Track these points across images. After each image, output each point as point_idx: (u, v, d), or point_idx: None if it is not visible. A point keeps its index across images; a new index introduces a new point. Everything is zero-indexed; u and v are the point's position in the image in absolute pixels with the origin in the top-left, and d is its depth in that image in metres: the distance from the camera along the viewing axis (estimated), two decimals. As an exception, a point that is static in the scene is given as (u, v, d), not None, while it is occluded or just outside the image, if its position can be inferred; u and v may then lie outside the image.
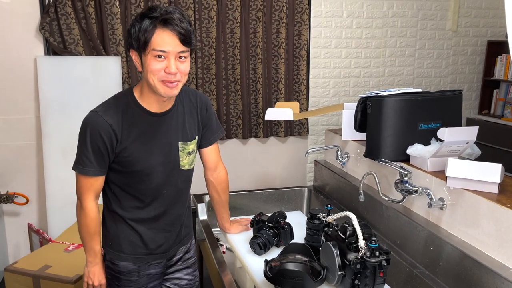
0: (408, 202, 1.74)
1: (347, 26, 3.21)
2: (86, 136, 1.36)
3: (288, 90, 3.16)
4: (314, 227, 1.64)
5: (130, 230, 1.48)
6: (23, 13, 2.65)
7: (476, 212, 1.42)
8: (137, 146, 1.39)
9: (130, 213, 1.47)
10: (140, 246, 1.49)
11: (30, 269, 2.07)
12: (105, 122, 1.34)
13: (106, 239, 1.51)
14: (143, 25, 1.28)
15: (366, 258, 1.25)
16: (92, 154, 1.36)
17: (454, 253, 1.46)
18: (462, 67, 3.57)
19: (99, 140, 1.35)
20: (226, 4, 2.90)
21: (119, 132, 1.36)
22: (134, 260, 1.49)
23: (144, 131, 1.41)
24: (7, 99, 2.71)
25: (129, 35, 1.34)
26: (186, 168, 1.53)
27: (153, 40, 1.28)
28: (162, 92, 1.34)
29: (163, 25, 1.28)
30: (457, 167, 1.45)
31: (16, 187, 2.76)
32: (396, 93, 1.78)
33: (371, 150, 1.85)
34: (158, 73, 1.31)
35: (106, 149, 1.36)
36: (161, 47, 1.28)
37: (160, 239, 1.52)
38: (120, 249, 1.48)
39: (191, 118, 1.52)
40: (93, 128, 1.35)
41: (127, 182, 1.44)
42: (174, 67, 1.30)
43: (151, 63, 1.30)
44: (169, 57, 1.30)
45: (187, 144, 1.50)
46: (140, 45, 1.30)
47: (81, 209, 1.44)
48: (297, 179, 3.33)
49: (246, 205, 2.35)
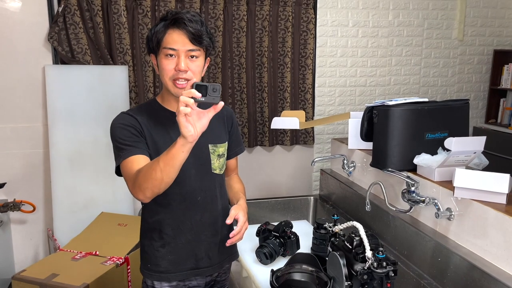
0: (415, 212, 1.73)
1: (352, 35, 3.22)
2: (116, 131, 1.35)
3: (294, 99, 3.16)
4: (321, 237, 1.63)
5: (167, 247, 1.43)
6: (32, 23, 2.68)
7: (484, 223, 1.41)
8: (163, 145, 1.36)
9: (166, 227, 1.42)
10: (179, 263, 1.44)
11: (38, 278, 2.07)
12: (130, 116, 1.37)
13: (144, 262, 1.47)
14: (157, 28, 1.35)
15: (373, 268, 1.24)
16: (125, 139, 1.33)
17: (462, 264, 1.45)
18: (468, 76, 3.56)
19: (129, 127, 1.34)
20: (232, 14, 2.93)
21: (145, 127, 1.37)
22: (174, 279, 1.44)
23: (170, 130, 1.39)
24: (15, 107, 2.73)
25: (147, 39, 1.41)
26: (218, 173, 1.48)
27: (164, 39, 1.34)
28: (173, 92, 1.37)
29: (173, 25, 1.33)
30: (464, 177, 1.44)
31: (23, 195, 2.77)
32: (403, 103, 1.78)
33: (377, 160, 1.85)
34: (169, 72, 1.34)
35: (138, 132, 1.35)
36: (170, 45, 1.33)
37: (200, 252, 1.45)
38: (160, 269, 1.43)
39: (219, 123, 1.50)
40: (121, 121, 1.36)
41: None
42: (183, 64, 1.33)
43: (162, 62, 1.35)
44: (179, 55, 1.33)
45: (217, 146, 1.47)
46: (154, 46, 1.36)
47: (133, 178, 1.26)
48: (303, 188, 3.32)
49: (252, 214, 2.34)
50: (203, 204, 1.45)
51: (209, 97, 1.15)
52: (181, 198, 1.41)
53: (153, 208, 1.43)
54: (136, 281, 2.30)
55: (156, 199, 1.33)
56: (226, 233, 1.48)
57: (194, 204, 1.43)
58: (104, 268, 2.15)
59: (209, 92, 1.15)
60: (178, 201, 1.41)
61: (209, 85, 1.15)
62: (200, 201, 1.44)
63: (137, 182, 1.24)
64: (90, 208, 2.71)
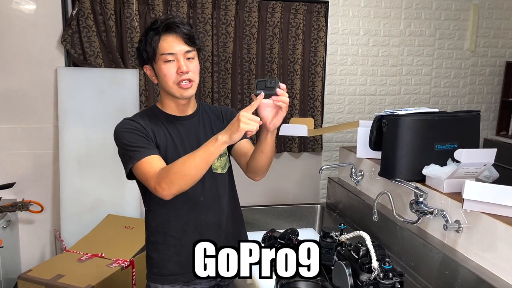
0: (423, 223, 1.71)
1: (363, 44, 3.22)
2: (123, 135, 1.36)
3: (303, 106, 3.16)
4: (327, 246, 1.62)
5: (173, 248, 1.44)
6: (46, 25, 2.72)
7: (493, 236, 1.39)
8: (165, 147, 1.40)
9: (170, 229, 1.43)
10: (185, 263, 1.43)
11: (43, 278, 2.09)
12: (134, 121, 1.40)
13: (150, 266, 1.48)
14: (149, 38, 1.37)
15: (379, 279, 1.23)
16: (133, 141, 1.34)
17: (470, 278, 1.43)
18: (480, 87, 3.54)
19: (136, 131, 1.37)
20: (243, 20, 2.94)
21: (149, 130, 1.39)
22: (181, 280, 1.45)
23: (171, 133, 1.43)
24: (27, 108, 2.77)
25: (138, 52, 1.42)
26: (220, 172, 1.49)
27: (160, 46, 1.36)
28: (178, 94, 1.39)
29: (166, 30, 1.36)
30: (474, 189, 1.42)
31: (31, 195, 2.80)
32: (413, 113, 1.77)
33: (386, 169, 1.84)
34: (172, 77, 1.37)
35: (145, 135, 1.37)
36: (168, 50, 1.36)
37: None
38: (166, 272, 1.44)
39: (217, 122, 1.53)
40: (126, 127, 1.38)
41: None
42: (184, 66, 1.36)
43: (163, 68, 1.37)
44: (178, 58, 1.36)
45: None
46: (150, 55, 1.38)
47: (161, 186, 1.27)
48: (310, 195, 3.31)
49: (258, 220, 2.34)
50: (206, 204, 1.46)
51: (267, 89, 1.29)
52: (184, 199, 1.41)
53: (157, 211, 1.45)
54: (141, 284, 2.31)
55: (159, 202, 1.37)
56: (231, 231, 1.52)
57: (197, 204, 1.44)
58: (109, 270, 2.16)
59: (267, 85, 1.29)
60: (181, 202, 1.42)
61: (268, 79, 1.30)
62: (203, 201, 1.45)
63: (166, 179, 1.26)
64: (97, 210, 2.73)
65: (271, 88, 1.30)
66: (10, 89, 2.73)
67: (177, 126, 1.45)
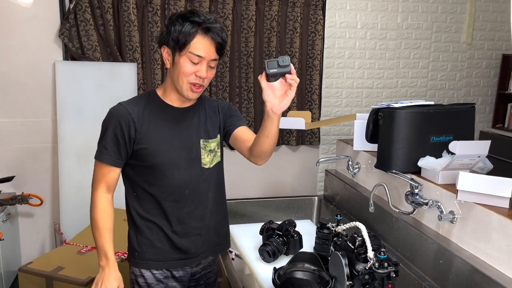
0: (418, 214, 1.74)
1: (361, 37, 3.23)
2: (106, 125, 1.40)
3: (301, 99, 3.17)
4: (324, 237, 1.65)
5: (155, 235, 1.46)
6: (44, 19, 2.72)
7: (487, 227, 1.42)
8: (156, 137, 1.41)
9: (154, 216, 1.45)
10: (167, 251, 1.47)
11: (44, 270, 2.10)
12: (125, 110, 1.39)
13: (132, 251, 1.49)
14: (185, 28, 1.34)
15: (374, 269, 1.25)
16: (109, 141, 1.38)
17: (464, 267, 1.46)
18: (476, 80, 3.56)
19: (117, 128, 1.38)
20: (241, 14, 2.94)
21: (138, 121, 1.39)
22: (162, 267, 1.47)
23: (164, 124, 1.43)
24: (26, 102, 2.77)
25: (167, 32, 1.37)
26: (208, 167, 1.50)
27: (192, 43, 1.34)
28: (186, 94, 1.40)
29: (205, 31, 1.34)
30: (468, 180, 1.45)
31: (31, 188, 2.81)
32: (409, 105, 1.79)
33: (382, 161, 1.86)
34: (189, 76, 1.37)
35: (124, 138, 1.38)
36: (199, 52, 1.34)
37: (187, 243, 1.48)
38: (147, 257, 1.46)
39: (213, 117, 1.54)
40: (113, 116, 1.39)
41: (149, 180, 1.43)
42: (205, 72, 1.37)
43: (185, 64, 1.36)
44: (202, 63, 1.36)
45: (209, 142, 1.50)
46: (179, 45, 1.35)
47: (92, 200, 1.43)
48: (307, 188, 3.33)
49: (256, 212, 2.36)
50: (191, 197, 1.47)
51: (280, 68, 1.26)
52: (170, 190, 1.43)
53: (143, 197, 1.46)
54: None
55: (146, 189, 1.43)
56: (214, 225, 1.54)
57: (182, 197, 1.45)
58: (109, 262, 2.18)
59: (280, 63, 1.26)
60: (167, 192, 1.44)
61: (279, 58, 1.27)
62: (188, 194, 1.46)
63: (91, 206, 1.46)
64: (97, 203, 2.74)
65: (285, 67, 1.27)
66: (8, 83, 2.73)
67: (172, 118, 1.45)
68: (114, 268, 1.41)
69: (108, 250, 1.41)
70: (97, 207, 1.42)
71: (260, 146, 1.45)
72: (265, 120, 1.40)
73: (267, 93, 1.33)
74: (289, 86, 1.32)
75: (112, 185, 1.44)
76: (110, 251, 1.41)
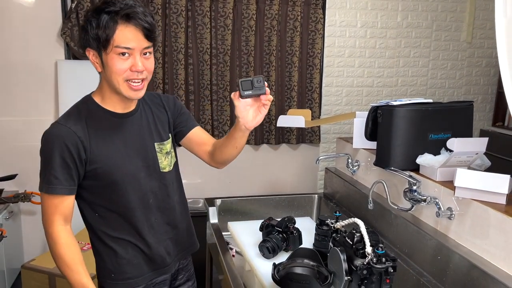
0: (417, 211, 1.75)
1: (361, 36, 3.24)
2: (49, 150, 1.24)
3: (301, 98, 3.19)
4: (323, 233, 1.66)
5: (130, 251, 1.36)
6: (46, 18, 2.74)
7: (484, 223, 1.43)
8: (109, 152, 1.28)
9: (123, 232, 1.35)
10: (144, 264, 1.39)
11: (46, 267, 2.13)
12: (69, 130, 1.24)
13: (106, 272, 1.37)
14: (102, 21, 1.18)
15: (372, 264, 1.27)
16: (58, 169, 1.23)
17: (462, 263, 1.47)
18: (476, 79, 3.56)
19: (65, 152, 1.23)
20: (242, 13, 2.96)
21: (86, 139, 1.25)
22: (142, 282, 1.39)
23: (113, 135, 1.31)
24: (28, 101, 2.80)
25: (84, 32, 1.22)
26: (167, 170, 1.42)
27: (115, 37, 1.19)
28: (127, 95, 1.26)
29: (125, 20, 1.19)
30: (465, 177, 1.46)
31: (33, 186, 2.82)
32: (407, 103, 1.80)
33: (381, 159, 1.87)
34: (123, 73, 1.22)
35: (74, 161, 1.24)
36: (125, 43, 1.19)
37: (161, 251, 1.42)
38: (126, 276, 1.36)
39: (161, 116, 1.44)
40: (57, 139, 1.24)
41: (110, 198, 1.32)
42: (140, 64, 1.22)
43: (115, 62, 1.21)
44: (134, 54, 1.22)
45: (164, 144, 1.41)
46: (101, 43, 1.20)
47: (49, 237, 1.27)
48: (307, 186, 3.35)
49: (256, 210, 2.38)
50: (156, 204, 1.39)
51: (255, 89, 1.26)
52: (135, 203, 1.34)
53: (107, 217, 1.35)
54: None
55: (109, 208, 1.32)
56: (185, 227, 1.50)
57: (147, 206, 1.37)
58: (110, 259, 2.20)
59: (255, 85, 1.26)
60: (132, 206, 1.34)
61: (253, 78, 1.26)
62: (152, 202, 1.38)
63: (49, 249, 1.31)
64: (98, 201, 2.77)
65: (260, 88, 1.27)
66: (10, 81, 2.75)
67: (119, 125, 1.33)
68: None
69: (87, 283, 1.27)
70: (59, 243, 1.26)
71: (226, 154, 1.43)
72: (236, 132, 1.36)
73: (239, 110, 1.30)
74: (262, 104, 1.30)
75: (69, 215, 1.30)
76: (89, 283, 1.27)
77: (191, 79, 2.96)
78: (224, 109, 3.05)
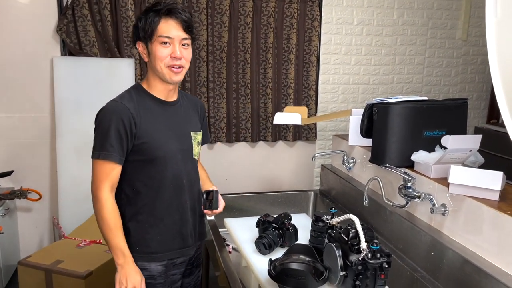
0: (411, 207, 1.77)
1: (357, 33, 3.25)
2: (108, 122, 1.41)
3: (297, 95, 3.20)
4: (318, 229, 1.67)
5: (156, 228, 1.50)
6: (41, 15, 2.73)
7: (477, 219, 1.45)
8: (154, 131, 1.46)
9: (155, 209, 1.49)
10: (167, 243, 1.52)
11: (43, 263, 2.13)
12: (124, 107, 1.43)
13: (133, 245, 1.49)
14: (149, 17, 1.43)
15: (367, 259, 1.28)
16: (114, 138, 1.40)
17: (455, 258, 1.49)
18: (471, 76, 3.58)
19: (120, 125, 1.41)
20: (238, 10, 2.96)
21: (137, 116, 1.43)
22: (164, 258, 1.52)
23: (158, 118, 1.49)
24: (24, 97, 2.79)
25: (135, 28, 1.48)
26: (196, 158, 1.62)
27: (159, 28, 1.42)
28: (168, 78, 1.46)
29: (167, 14, 1.42)
30: (459, 174, 1.48)
31: (29, 183, 2.83)
32: (402, 101, 1.81)
33: (376, 156, 1.89)
34: (164, 59, 1.43)
35: (126, 134, 1.42)
36: (166, 33, 1.42)
37: (185, 232, 1.56)
38: (150, 250, 1.50)
39: (194, 113, 1.65)
40: (114, 113, 1.42)
41: (149, 173, 1.47)
42: (179, 52, 1.43)
43: (158, 49, 1.43)
44: (174, 43, 1.43)
45: (197, 134, 1.60)
46: (147, 35, 1.43)
47: (98, 201, 1.43)
48: (304, 183, 3.36)
49: (253, 207, 2.39)
50: (187, 186, 1.55)
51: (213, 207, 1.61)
52: (170, 181, 1.50)
53: (143, 192, 1.49)
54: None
55: (146, 183, 1.47)
56: (201, 215, 1.67)
57: (180, 186, 1.53)
58: (107, 255, 2.21)
59: (213, 206, 1.60)
60: (168, 184, 1.50)
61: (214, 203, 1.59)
62: (185, 183, 1.54)
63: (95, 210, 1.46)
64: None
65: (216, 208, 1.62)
66: (6, 78, 2.75)
67: (164, 111, 1.52)
68: (133, 263, 1.44)
69: (124, 247, 1.43)
70: (106, 207, 1.42)
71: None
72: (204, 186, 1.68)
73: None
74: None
75: (115, 184, 1.46)
76: (126, 249, 1.43)
77: (188, 76, 2.96)
78: (220, 106, 3.05)
